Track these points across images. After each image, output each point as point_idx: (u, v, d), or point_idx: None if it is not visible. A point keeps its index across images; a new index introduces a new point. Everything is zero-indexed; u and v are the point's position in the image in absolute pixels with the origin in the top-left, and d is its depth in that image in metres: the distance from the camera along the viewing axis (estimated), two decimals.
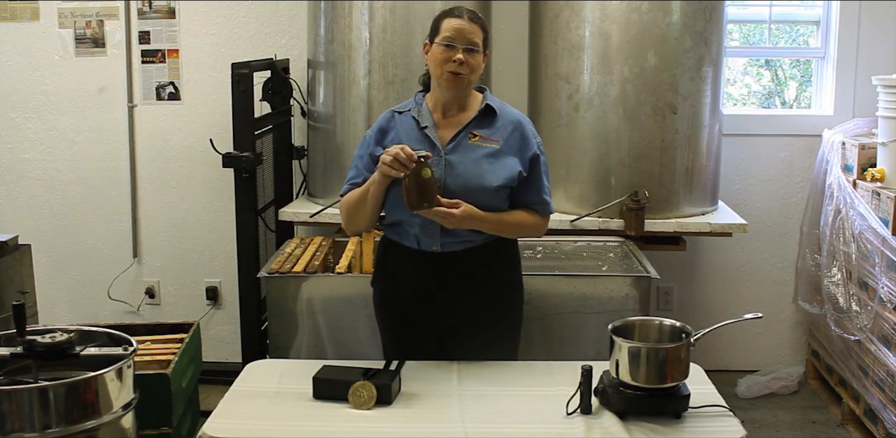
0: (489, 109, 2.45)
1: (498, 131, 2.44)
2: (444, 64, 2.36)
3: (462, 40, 2.35)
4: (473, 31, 2.37)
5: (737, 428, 2.08)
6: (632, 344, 2.12)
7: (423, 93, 2.51)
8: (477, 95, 2.49)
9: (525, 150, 2.44)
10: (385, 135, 2.47)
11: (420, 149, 2.33)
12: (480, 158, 2.40)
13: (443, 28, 2.38)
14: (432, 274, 2.47)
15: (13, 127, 4.31)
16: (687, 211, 3.61)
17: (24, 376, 2.03)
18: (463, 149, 2.41)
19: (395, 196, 2.39)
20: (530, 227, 2.50)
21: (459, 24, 2.36)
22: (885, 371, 3.30)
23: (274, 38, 4.17)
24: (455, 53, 2.34)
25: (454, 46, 2.35)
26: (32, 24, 4.20)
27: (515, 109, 2.55)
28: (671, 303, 4.29)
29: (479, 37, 2.38)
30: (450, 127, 2.44)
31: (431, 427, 2.09)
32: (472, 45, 2.36)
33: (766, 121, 4.26)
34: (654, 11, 3.42)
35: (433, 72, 2.41)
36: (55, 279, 4.39)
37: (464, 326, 2.51)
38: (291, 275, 3.02)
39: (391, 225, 2.50)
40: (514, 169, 2.41)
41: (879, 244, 3.33)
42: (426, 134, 2.42)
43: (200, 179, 4.29)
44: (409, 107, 2.49)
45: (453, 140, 2.42)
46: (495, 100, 2.50)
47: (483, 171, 2.39)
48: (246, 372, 2.42)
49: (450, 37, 2.35)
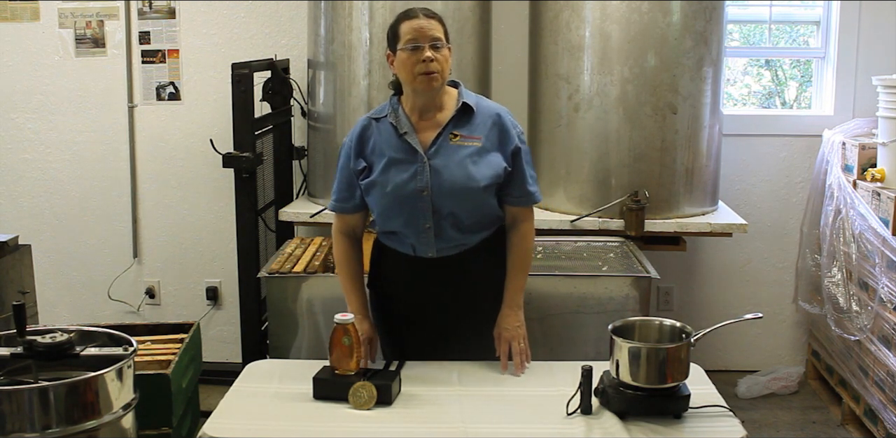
0: (466, 107, 2.42)
1: (478, 128, 2.41)
2: (414, 66, 2.31)
3: (425, 38, 2.31)
4: (433, 26, 2.34)
5: (737, 428, 2.08)
6: (632, 344, 2.12)
7: (396, 96, 2.47)
8: (452, 92, 2.45)
9: (507, 144, 2.42)
10: (365, 145, 2.44)
11: (402, 157, 2.37)
12: (464, 159, 2.38)
13: (403, 32, 2.34)
14: (429, 277, 2.47)
15: (13, 127, 4.31)
16: (687, 211, 3.61)
17: (24, 376, 2.03)
18: (445, 151, 2.39)
19: (387, 207, 2.40)
20: (529, 233, 2.51)
21: (418, 24, 2.32)
22: (885, 371, 3.30)
23: (274, 38, 4.17)
24: (422, 53, 2.31)
25: (420, 46, 2.31)
26: (32, 24, 4.20)
27: (491, 101, 2.53)
28: (671, 303, 4.29)
29: (440, 31, 2.35)
30: (429, 129, 2.41)
31: (431, 427, 2.09)
32: (436, 40, 2.33)
33: (766, 122, 4.26)
34: (654, 11, 3.42)
35: (405, 78, 2.36)
36: (55, 279, 4.39)
37: (462, 327, 2.51)
38: (291, 275, 3.02)
39: (385, 233, 2.51)
40: (499, 165, 2.40)
41: (879, 244, 3.33)
42: (406, 140, 2.39)
43: (200, 179, 4.29)
44: (385, 113, 2.44)
45: (434, 143, 2.39)
46: (471, 95, 2.46)
47: (468, 172, 2.37)
48: (246, 372, 2.42)
49: (412, 38, 2.31)
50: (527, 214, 2.51)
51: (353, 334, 2.24)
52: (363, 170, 2.43)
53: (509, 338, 2.43)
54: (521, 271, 2.49)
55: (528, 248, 2.51)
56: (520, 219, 2.49)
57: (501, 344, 2.44)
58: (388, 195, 2.39)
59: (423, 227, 2.41)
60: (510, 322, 2.45)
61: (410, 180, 2.37)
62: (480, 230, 2.47)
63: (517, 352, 2.41)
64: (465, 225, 2.43)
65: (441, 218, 2.40)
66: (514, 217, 2.49)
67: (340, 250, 2.55)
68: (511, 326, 2.45)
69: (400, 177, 2.38)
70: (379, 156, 2.41)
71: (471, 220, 2.43)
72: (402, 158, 2.39)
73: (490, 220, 2.48)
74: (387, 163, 2.39)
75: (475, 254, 2.47)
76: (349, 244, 2.55)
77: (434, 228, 2.40)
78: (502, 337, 2.44)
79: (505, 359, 2.42)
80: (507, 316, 2.46)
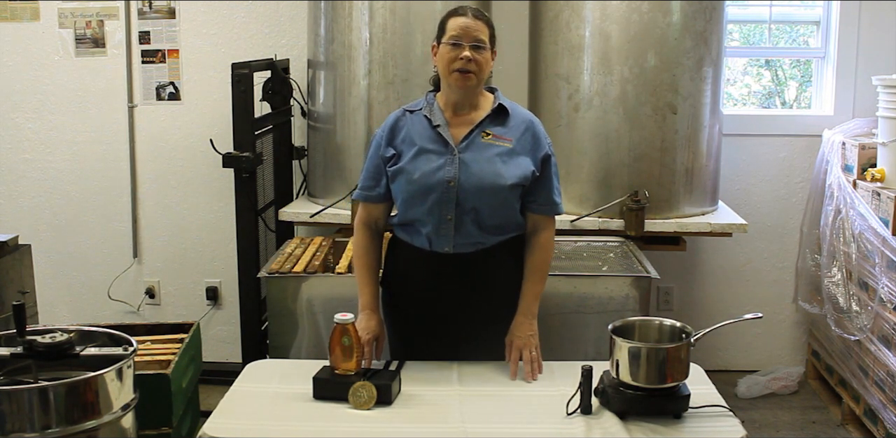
0: (502, 109, 2.45)
1: (510, 130, 2.44)
2: (451, 63, 2.36)
3: (468, 38, 2.36)
4: (479, 28, 2.38)
5: (737, 428, 2.08)
6: (632, 344, 2.12)
7: (433, 92, 2.51)
8: (488, 95, 2.49)
9: (537, 150, 2.45)
10: (396, 134, 2.47)
11: (433, 148, 2.39)
12: (494, 157, 2.40)
13: (448, 27, 2.38)
14: (442, 274, 2.46)
15: (13, 127, 4.31)
16: (687, 211, 3.61)
17: (24, 376, 2.03)
18: (476, 147, 2.41)
19: (412, 194, 2.41)
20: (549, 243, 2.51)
21: (464, 22, 2.37)
22: (885, 371, 3.30)
23: (274, 38, 4.17)
24: (462, 51, 2.35)
25: (460, 44, 2.35)
26: (32, 24, 4.20)
27: (526, 110, 2.56)
28: (671, 303, 4.29)
29: (484, 34, 2.39)
30: (462, 125, 2.44)
31: (431, 427, 2.09)
32: (479, 41, 2.37)
33: (766, 121, 4.26)
34: (654, 11, 3.42)
35: (442, 72, 2.41)
36: (55, 279, 4.39)
37: (473, 325, 2.51)
38: (291, 275, 3.01)
39: (402, 225, 2.51)
40: (528, 168, 2.42)
41: (879, 244, 3.33)
42: (439, 132, 2.42)
43: (200, 179, 4.29)
44: (421, 106, 2.48)
45: (466, 138, 2.42)
46: (507, 100, 2.50)
47: (497, 169, 2.39)
48: (246, 372, 2.42)
49: (456, 35, 2.36)
50: (548, 223, 2.51)
51: (353, 334, 2.24)
52: (392, 157, 2.44)
53: (521, 346, 2.43)
54: (538, 279, 2.49)
55: (547, 257, 2.50)
56: (541, 228, 2.50)
57: (512, 351, 2.43)
58: (414, 182, 2.40)
59: (444, 218, 2.41)
60: (523, 330, 2.45)
61: (438, 170, 2.39)
62: (500, 233, 2.47)
63: (528, 361, 2.40)
64: (485, 225, 2.43)
65: (463, 212, 2.40)
66: (535, 225, 2.50)
67: (360, 241, 2.55)
68: (524, 334, 2.44)
69: (428, 167, 2.39)
70: (409, 146, 2.43)
71: (492, 221, 2.43)
72: (432, 149, 2.41)
73: (510, 225, 2.48)
74: (416, 152, 2.41)
75: (492, 256, 2.46)
76: (370, 236, 2.55)
77: (455, 221, 2.41)
78: (514, 344, 2.44)
79: (515, 367, 2.41)
80: (521, 323, 2.46)
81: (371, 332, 2.44)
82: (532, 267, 2.49)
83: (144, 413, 2.20)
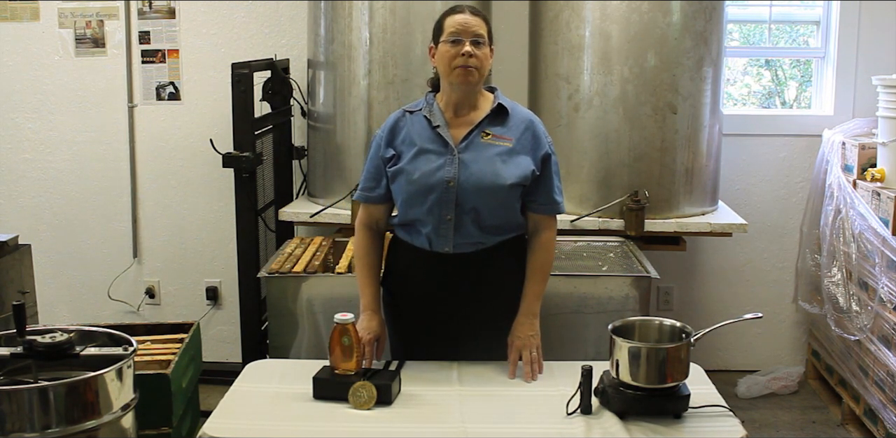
0: (501, 108, 2.45)
1: (510, 130, 2.44)
2: (452, 59, 2.36)
3: (467, 34, 2.36)
4: (477, 23, 2.38)
5: (737, 428, 2.08)
6: (632, 344, 2.12)
7: (433, 93, 2.51)
8: (488, 95, 2.49)
9: (537, 150, 2.45)
10: (396, 135, 2.47)
11: (432, 148, 2.39)
12: (493, 157, 2.40)
13: (447, 25, 2.39)
14: (443, 274, 2.46)
15: (13, 127, 4.31)
16: (687, 211, 3.61)
17: (24, 376, 2.03)
18: (476, 147, 2.41)
19: (412, 194, 2.41)
20: (550, 243, 2.51)
21: (462, 19, 2.38)
22: (885, 371, 3.30)
23: (274, 38, 4.17)
24: (462, 47, 2.35)
25: (461, 41, 2.35)
26: (32, 24, 4.20)
27: (526, 109, 2.56)
28: (671, 303, 4.29)
29: (483, 29, 2.39)
30: (462, 126, 2.44)
31: (431, 427, 2.09)
32: (478, 36, 2.37)
33: (766, 121, 4.26)
34: (654, 11, 3.42)
35: (443, 71, 2.41)
36: (55, 279, 4.39)
37: (474, 326, 2.51)
38: (291, 275, 3.01)
39: (402, 225, 2.51)
40: (528, 167, 2.42)
41: (879, 244, 3.33)
42: (438, 133, 2.42)
43: (200, 179, 4.29)
44: (421, 107, 2.48)
45: (466, 138, 2.42)
46: (506, 99, 2.50)
47: (496, 169, 2.39)
48: (246, 372, 2.42)
49: (454, 32, 2.36)
50: (549, 223, 2.51)
51: (352, 334, 2.24)
52: (392, 157, 2.45)
53: (521, 347, 2.42)
54: (540, 279, 2.49)
55: (548, 258, 2.50)
56: (542, 227, 2.50)
57: (513, 351, 2.43)
58: (414, 182, 2.40)
59: (444, 218, 2.41)
60: (524, 330, 2.45)
61: (438, 170, 2.39)
62: (500, 233, 2.46)
63: (528, 361, 2.40)
64: (485, 225, 2.43)
65: (463, 212, 2.40)
66: (536, 225, 2.50)
67: (361, 242, 2.55)
68: (525, 335, 2.44)
69: (428, 167, 2.40)
70: (409, 146, 2.43)
71: (492, 221, 2.43)
72: (432, 149, 2.41)
73: (510, 226, 2.48)
74: (416, 153, 2.42)
75: (492, 256, 2.46)
76: (370, 237, 2.55)
77: (455, 221, 2.41)
78: (514, 344, 2.44)
79: (514, 367, 2.41)
80: (522, 324, 2.46)
81: (372, 332, 2.44)
82: (533, 267, 2.49)
83: (144, 413, 2.20)
